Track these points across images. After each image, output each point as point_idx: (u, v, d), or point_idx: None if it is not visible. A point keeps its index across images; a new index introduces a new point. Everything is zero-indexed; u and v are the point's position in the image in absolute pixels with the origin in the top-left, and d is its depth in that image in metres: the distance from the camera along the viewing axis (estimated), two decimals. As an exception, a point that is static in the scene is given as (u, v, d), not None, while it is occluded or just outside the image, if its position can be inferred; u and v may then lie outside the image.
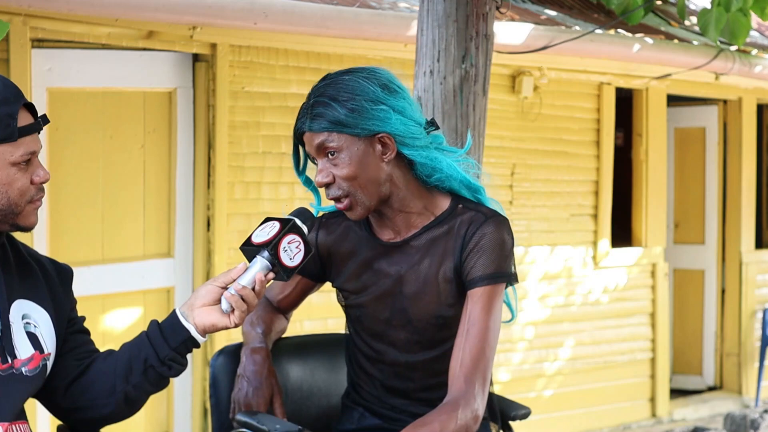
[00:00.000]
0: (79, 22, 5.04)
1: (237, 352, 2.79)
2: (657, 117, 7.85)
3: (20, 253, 2.42)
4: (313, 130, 2.51)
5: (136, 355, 2.40)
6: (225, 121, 5.61)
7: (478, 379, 2.48)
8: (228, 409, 2.76)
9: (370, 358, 2.68)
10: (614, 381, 7.69)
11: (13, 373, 2.31)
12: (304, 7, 5.43)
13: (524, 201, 7.08)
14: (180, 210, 5.60)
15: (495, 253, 2.53)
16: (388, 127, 2.51)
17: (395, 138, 2.52)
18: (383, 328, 2.64)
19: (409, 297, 2.60)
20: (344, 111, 2.49)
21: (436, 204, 2.61)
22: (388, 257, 2.62)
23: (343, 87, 2.52)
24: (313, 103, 2.53)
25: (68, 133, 5.22)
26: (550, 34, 6.42)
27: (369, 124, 2.50)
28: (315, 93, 2.55)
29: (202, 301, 2.37)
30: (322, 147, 2.51)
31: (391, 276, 2.61)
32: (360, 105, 2.50)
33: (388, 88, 2.54)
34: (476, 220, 2.56)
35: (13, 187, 2.29)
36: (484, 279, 2.53)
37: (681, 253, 8.69)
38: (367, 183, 2.52)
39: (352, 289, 2.67)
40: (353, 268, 2.66)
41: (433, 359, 2.63)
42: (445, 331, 2.61)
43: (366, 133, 2.50)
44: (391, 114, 2.52)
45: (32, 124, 2.31)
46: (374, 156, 2.52)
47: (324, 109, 2.50)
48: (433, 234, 2.59)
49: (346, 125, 2.49)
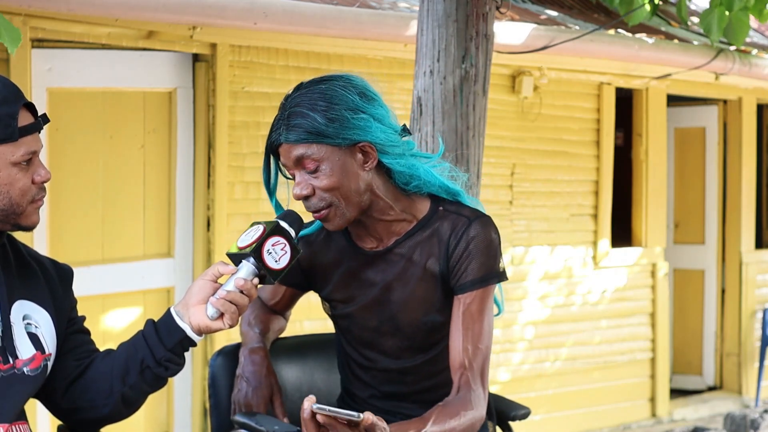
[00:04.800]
0: (79, 22, 5.04)
1: (236, 353, 2.79)
2: (657, 117, 7.85)
3: (21, 254, 2.42)
4: (290, 142, 2.43)
5: (132, 356, 2.40)
6: (225, 121, 5.61)
7: (479, 379, 2.49)
8: (227, 409, 2.76)
9: (362, 366, 2.67)
10: (614, 381, 7.69)
11: (15, 373, 2.30)
12: (304, 7, 5.43)
13: (524, 201, 7.08)
14: (180, 210, 5.60)
15: (484, 256, 2.51)
16: (369, 136, 2.45)
17: (376, 146, 2.47)
18: (372, 337, 2.63)
19: (397, 304, 2.58)
20: (324, 121, 2.41)
21: (416, 208, 2.57)
22: (373, 266, 2.58)
23: (320, 96, 2.44)
24: (289, 114, 2.44)
25: (68, 133, 5.22)
26: (550, 34, 6.42)
27: (350, 133, 2.43)
28: (290, 104, 2.46)
29: (196, 299, 2.36)
30: (301, 159, 2.44)
31: (377, 285, 2.58)
32: (340, 114, 2.42)
33: (366, 95, 2.48)
34: (459, 224, 2.53)
35: (14, 187, 2.29)
36: (476, 283, 2.51)
37: (681, 253, 8.69)
38: (347, 193, 2.46)
39: (339, 299, 2.64)
40: (338, 278, 2.63)
41: (425, 363, 2.62)
42: (434, 335, 2.59)
43: (347, 143, 2.44)
44: (371, 122, 2.46)
45: (33, 124, 2.31)
46: (355, 165, 2.46)
47: (302, 119, 2.42)
48: (416, 239, 2.56)
49: (327, 135, 2.42)
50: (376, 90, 2.53)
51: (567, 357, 7.39)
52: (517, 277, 7.00)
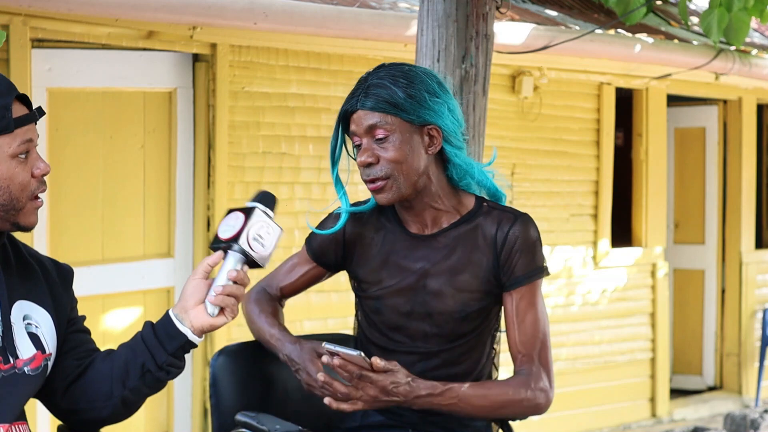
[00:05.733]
0: (79, 22, 5.04)
1: (237, 352, 2.79)
2: (657, 117, 7.85)
3: (21, 254, 2.42)
4: (366, 108, 2.54)
5: (132, 360, 2.38)
6: (225, 121, 5.61)
7: (543, 361, 2.61)
8: (228, 409, 2.75)
9: (386, 349, 2.67)
10: (614, 381, 7.69)
11: (15, 373, 2.30)
12: (304, 7, 5.43)
13: (524, 201, 7.08)
14: (180, 210, 5.60)
15: (531, 252, 2.63)
16: (440, 121, 2.57)
17: (443, 133, 2.58)
18: (403, 321, 2.66)
19: (433, 292, 2.63)
20: (403, 95, 2.53)
21: (462, 203, 2.66)
22: (414, 250, 2.64)
23: (402, 74, 2.56)
24: (369, 84, 2.56)
25: (68, 133, 5.22)
26: (550, 34, 6.42)
27: (424, 113, 2.55)
28: (372, 75, 2.58)
29: (193, 300, 2.35)
30: (374, 127, 2.54)
31: (415, 271, 2.64)
32: (419, 93, 2.54)
33: (443, 86, 2.61)
34: (505, 220, 2.63)
35: (14, 181, 2.28)
36: (525, 278, 2.62)
37: (681, 253, 8.69)
38: (408, 170, 2.56)
39: (373, 280, 2.68)
40: (378, 258, 2.67)
41: (451, 350, 2.66)
42: (465, 325, 2.65)
43: (419, 122, 2.55)
44: (444, 109, 2.58)
45: (27, 115, 2.30)
46: (420, 146, 2.57)
47: (382, 90, 2.54)
48: (460, 231, 2.63)
49: (403, 109, 2.53)
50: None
51: (567, 357, 7.39)
52: (517, 277, 6.99)
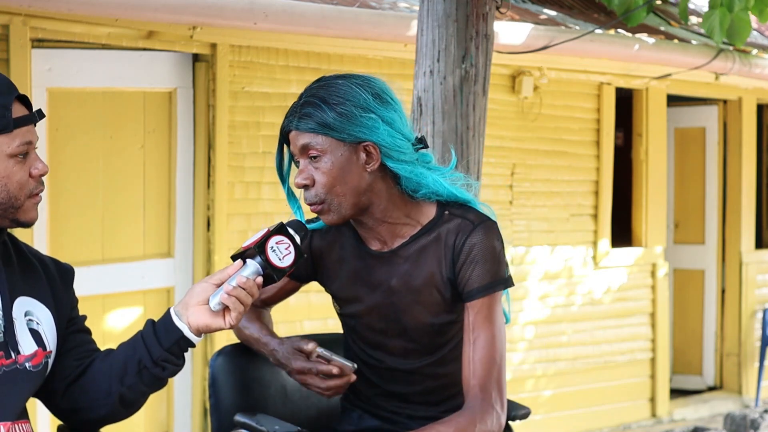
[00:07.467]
0: (79, 22, 5.04)
1: (237, 352, 2.79)
2: (657, 117, 7.85)
3: (22, 251, 2.42)
4: (299, 129, 2.48)
5: (130, 356, 2.39)
6: (225, 121, 5.61)
7: (494, 388, 2.46)
8: (228, 409, 2.75)
9: (368, 364, 2.67)
10: (614, 381, 7.69)
11: (17, 369, 2.30)
12: (304, 7, 5.43)
13: (524, 201, 7.08)
14: (180, 210, 5.60)
15: (488, 263, 2.51)
16: (374, 137, 2.48)
17: (381, 149, 2.49)
18: (379, 338, 2.63)
19: (402, 307, 2.58)
20: (333, 114, 2.46)
21: (422, 213, 2.58)
22: (378, 268, 2.59)
23: (335, 90, 2.49)
24: (303, 102, 2.50)
25: (68, 133, 5.22)
26: (550, 34, 6.42)
27: (356, 130, 2.47)
28: (307, 93, 2.52)
29: (197, 299, 2.34)
30: (306, 148, 2.48)
31: (381, 287, 2.59)
32: (349, 110, 2.46)
33: (381, 97, 2.51)
34: (464, 228, 2.53)
35: (12, 180, 2.29)
36: (481, 290, 2.51)
37: (681, 253, 8.69)
38: (345, 191, 2.49)
39: (345, 298, 2.66)
40: (345, 276, 2.64)
41: (431, 364, 2.62)
42: (440, 337, 2.59)
43: (351, 140, 2.47)
44: (379, 124, 2.48)
45: (27, 116, 2.31)
46: (357, 164, 2.49)
47: (313, 109, 2.47)
48: (421, 243, 2.56)
49: (333, 129, 2.46)
50: (395, 97, 2.55)
51: (567, 357, 7.39)
52: (518, 277, 7.00)
